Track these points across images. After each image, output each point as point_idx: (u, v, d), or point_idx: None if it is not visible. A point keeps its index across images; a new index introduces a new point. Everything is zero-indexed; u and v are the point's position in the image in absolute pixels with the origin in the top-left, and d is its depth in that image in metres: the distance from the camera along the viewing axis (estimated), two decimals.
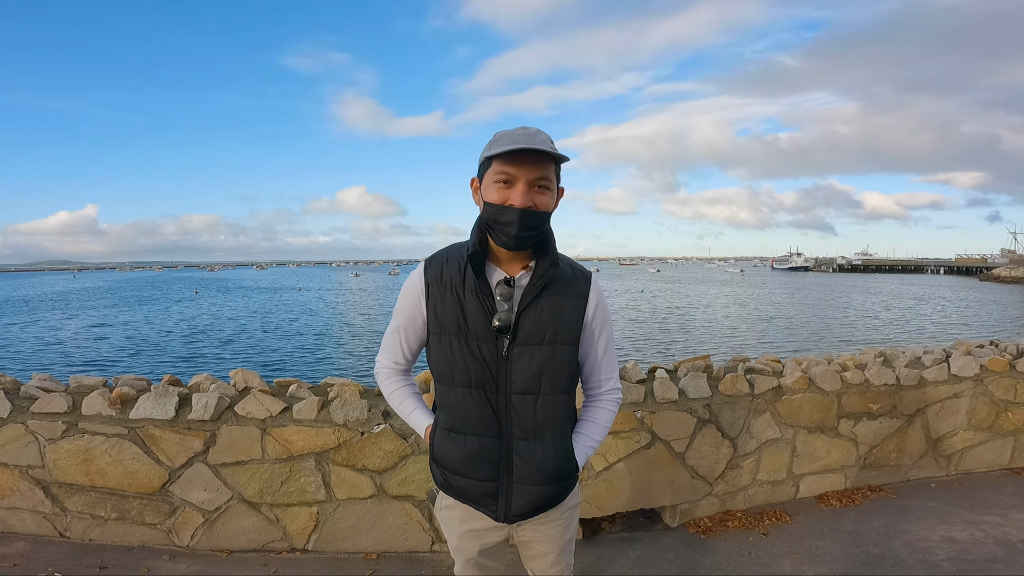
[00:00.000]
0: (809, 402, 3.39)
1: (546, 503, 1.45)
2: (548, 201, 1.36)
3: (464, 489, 1.44)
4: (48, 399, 2.76)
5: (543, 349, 1.38)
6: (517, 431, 1.40)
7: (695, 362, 3.43)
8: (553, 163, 1.34)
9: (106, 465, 2.72)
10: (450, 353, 1.39)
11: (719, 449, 3.21)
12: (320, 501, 2.80)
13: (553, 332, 1.39)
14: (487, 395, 1.38)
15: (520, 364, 1.37)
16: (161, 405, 2.75)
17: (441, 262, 1.42)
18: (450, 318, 1.38)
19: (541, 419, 1.40)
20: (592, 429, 1.53)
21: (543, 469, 1.41)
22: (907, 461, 3.68)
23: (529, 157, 1.30)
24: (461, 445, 1.41)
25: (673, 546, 2.97)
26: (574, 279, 1.44)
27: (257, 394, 2.80)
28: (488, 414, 1.39)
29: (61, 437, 2.72)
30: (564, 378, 1.42)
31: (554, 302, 1.39)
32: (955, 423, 3.75)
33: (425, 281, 1.42)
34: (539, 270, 1.39)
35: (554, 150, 1.30)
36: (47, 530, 2.80)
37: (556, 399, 1.41)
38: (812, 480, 3.48)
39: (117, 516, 2.77)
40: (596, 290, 1.47)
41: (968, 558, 2.81)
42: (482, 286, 1.36)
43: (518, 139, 1.30)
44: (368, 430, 2.77)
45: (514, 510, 1.42)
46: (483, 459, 1.40)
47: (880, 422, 3.55)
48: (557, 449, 1.42)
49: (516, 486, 1.41)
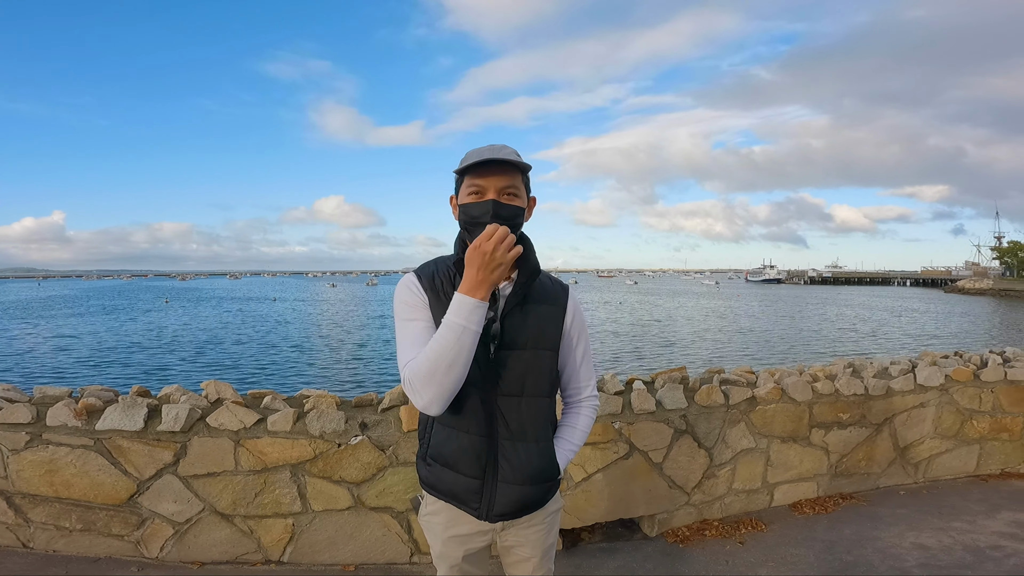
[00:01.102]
0: (782, 412, 3.45)
1: (528, 504, 1.51)
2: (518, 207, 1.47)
3: (451, 484, 1.48)
4: (11, 409, 2.68)
5: (526, 354, 1.47)
6: (503, 431, 1.46)
7: (672, 374, 3.47)
8: (519, 173, 1.45)
9: (71, 476, 2.65)
10: None
11: (695, 459, 3.24)
12: (296, 513, 2.76)
13: (535, 338, 1.48)
14: (478, 393, 1.44)
15: (506, 367, 1.45)
16: (129, 416, 2.69)
17: (431, 272, 1.50)
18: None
19: (525, 420, 1.47)
20: (572, 434, 1.60)
21: (526, 469, 1.47)
22: (876, 469, 3.77)
23: (496, 168, 1.41)
24: (455, 440, 1.47)
25: (652, 556, 2.99)
26: (553, 290, 1.55)
27: (230, 406, 2.76)
28: (479, 413, 1.45)
29: (24, 448, 2.64)
30: (546, 381, 1.51)
31: (535, 310, 1.49)
32: (922, 431, 3.85)
33: (421, 287, 1.48)
34: (520, 279, 1.48)
35: (518, 160, 1.42)
36: (10, 541, 2.71)
37: (539, 401, 1.50)
38: (786, 488, 3.53)
39: (83, 527, 2.69)
40: (573, 301, 1.57)
41: (938, 564, 2.88)
42: None
43: (484, 153, 1.42)
44: (345, 442, 2.74)
45: (496, 509, 1.48)
46: (473, 455, 1.46)
47: (850, 431, 3.63)
48: (540, 450, 1.50)
49: (500, 485, 1.47)
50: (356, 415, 2.85)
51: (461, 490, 1.48)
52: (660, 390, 3.29)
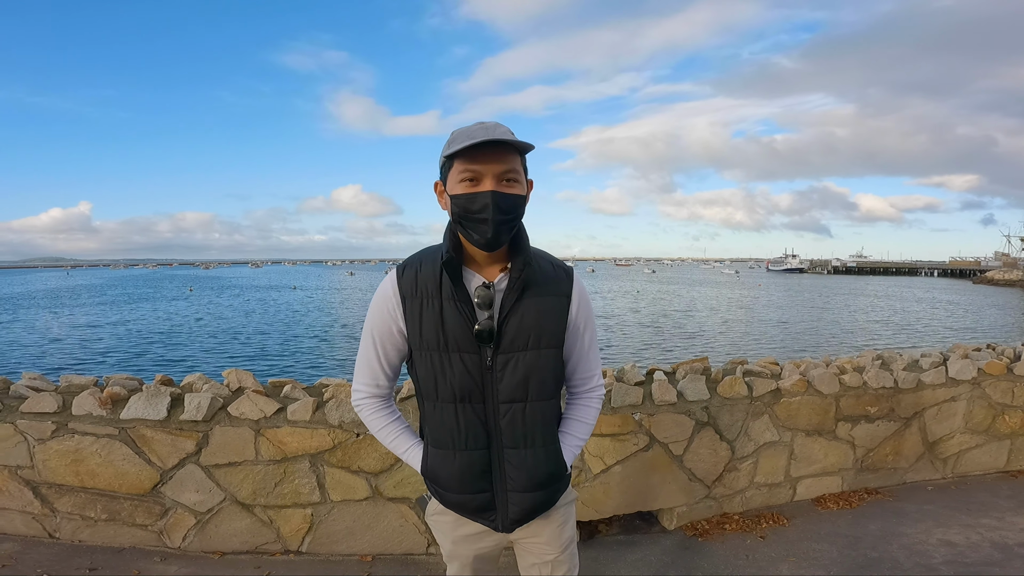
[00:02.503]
0: (807, 405, 3.38)
1: (540, 507, 1.43)
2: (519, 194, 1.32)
3: (461, 504, 1.40)
4: (38, 399, 2.72)
5: (528, 355, 1.33)
6: (507, 440, 1.36)
7: (693, 364, 3.41)
8: (518, 154, 1.29)
9: (96, 466, 2.69)
10: (433, 368, 1.33)
11: (717, 452, 3.19)
12: (314, 503, 2.77)
13: (537, 336, 1.33)
14: (474, 407, 1.34)
15: (505, 373, 1.32)
16: (153, 405, 2.71)
17: (415, 270, 1.35)
18: (430, 331, 1.32)
19: (530, 426, 1.36)
20: (578, 428, 1.49)
21: (535, 476, 1.38)
22: (904, 464, 3.68)
23: (492, 150, 1.24)
24: (451, 462, 1.36)
25: (671, 549, 2.95)
26: (555, 278, 1.38)
27: (251, 395, 2.77)
28: (476, 427, 1.34)
29: (51, 437, 2.68)
30: (551, 383, 1.38)
31: (536, 304, 1.33)
32: (952, 426, 3.74)
33: (400, 293, 1.35)
34: (515, 271, 1.32)
35: (516, 140, 1.25)
36: (36, 531, 2.76)
37: (544, 405, 1.37)
38: (809, 483, 3.47)
39: (107, 517, 2.74)
40: (578, 287, 1.41)
41: (965, 561, 2.80)
42: (460, 293, 1.30)
43: (476, 134, 1.23)
44: (363, 431, 2.74)
45: (511, 517, 1.40)
46: (475, 473, 1.36)
47: (877, 425, 3.55)
48: (548, 454, 1.40)
49: (510, 495, 1.38)
50: None
51: (474, 507, 1.40)
52: (682, 381, 3.23)
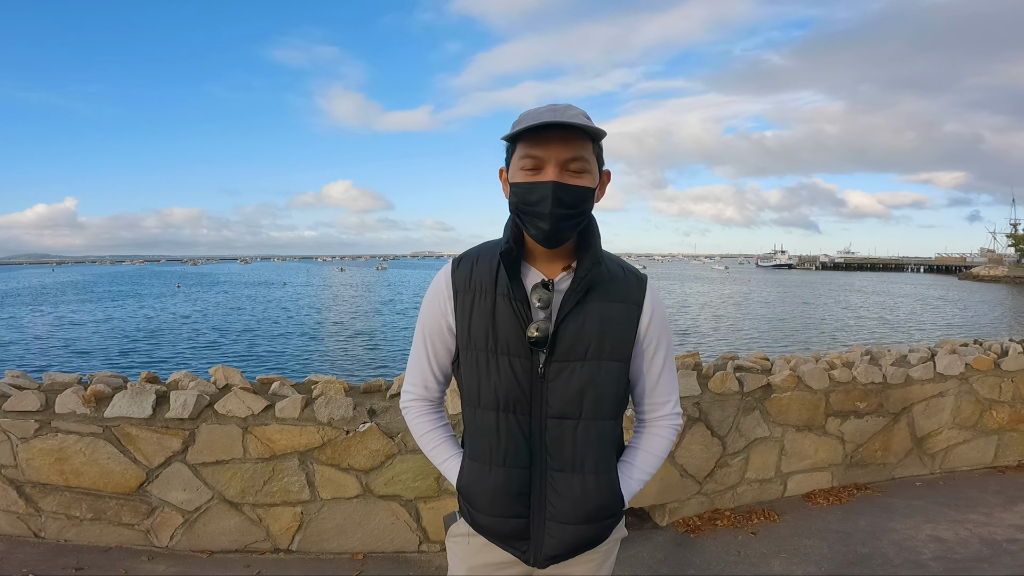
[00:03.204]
0: (798, 400, 3.39)
1: (584, 544, 1.23)
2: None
3: (491, 527, 1.23)
4: (20, 397, 2.67)
5: (586, 366, 1.17)
6: (553, 461, 1.20)
7: (684, 360, 3.41)
8: (590, 141, 1.15)
9: (80, 465, 2.64)
10: (478, 370, 1.20)
11: (708, 448, 3.19)
12: (304, 501, 2.74)
13: (598, 346, 1.18)
14: (518, 419, 1.19)
15: (558, 383, 1.17)
16: (138, 403, 2.67)
17: (471, 262, 1.23)
18: (480, 329, 1.19)
19: (581, 448, 1.19)
20: (643, 459, 1.29)
21: (582, 506, 1.20)
22: (892, 459, 3.70)
23: (558, 134, 1.10)
24: (486, 477, 1.21)
25: (663, 546, 2.95)
26: (624, 282, 1.22)
27: (238, 392, 2.73)
28: (518, 441, 1.19)
29: (34, 436, 2.63)
30: (610, 401, 1.20)
31: (600, 309, 1.18)
32: (940, 421, 3.78)
33: (453, 285, 1.22)
34: (580, 270, 1.17)
35: (588, 124, 1.10)
36: (21, 530, 2.72)
37: (599, 425, 1.20)
38: (800, 479, 3.48)
39: (93, 516, 2.69)
40: (653, 297, 1.25)
41: (954, 557, 2.83)
42: (516, 290, 1.16)
43: (543, 115, 1.11)
44: (353, 428, 2.71)
45: (546, 551, 1.21)
46: (511, 493, 1.20)
47: (867, 420, 3.57)
48: (600, 483, 1.21)
49: (549, 524, 1.21)
50: (364, 401, 2.82)
51: (504, 532, 1.22)
52: None
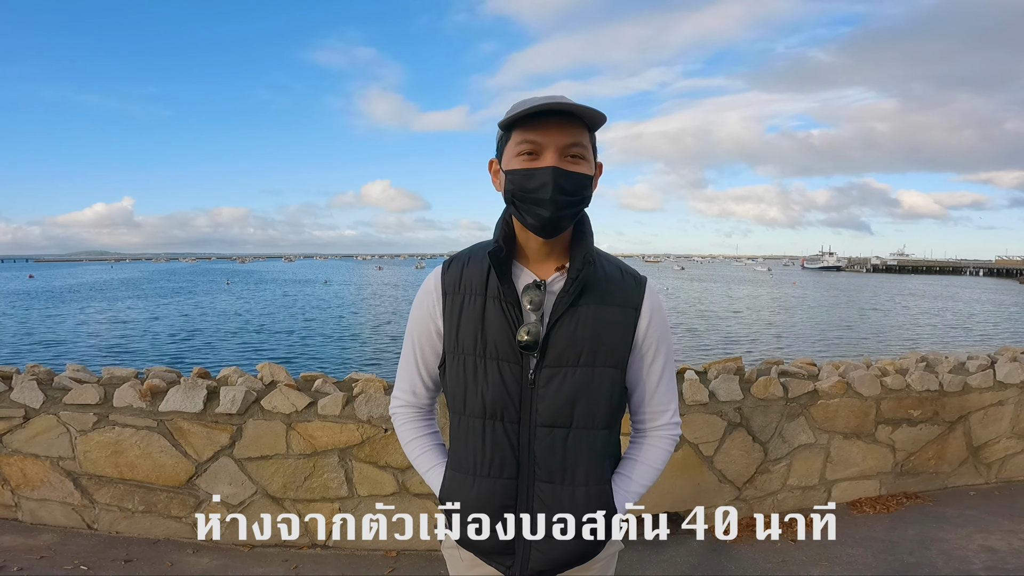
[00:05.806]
0: (846, 407, 3.28)
1: (573, 560, 1.17)
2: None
3: (474, 541, 1.17)
4: (80, 390, 2.81)
5: (578, 372, 1.11)
6: (541, 472, 1.14)
7: (726, 364, 3.34)
8: (587, 129, 1.10)
9: (135, 457, 2.76)
10: (465, 376, 1.14)
11: (749, 453, 3.12)
12: (342, 497, 2.80)
13: (592, 351, 1.12)
14: (506, 427, 1.13)
15: (549, 390, 1.11)
16: (190, 398, 2.78)
17: (462, 263, 1.18)
18: (468, 332, 1.14)
19: (572, 458, 1.13)
20: (638, 471, 1.23)
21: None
22: (946, 468, 3.54)
23: (557, 120, 1.05)
24: (469, 489, 1.15)
25: (697, 550, 2.90)
26: (622, 284, 1.16)
27: (283, 388, 2.81)
28: (505, 451, 1.13)
29: (92, 429, 2.76)
30: (603, 409, 1.14)
31: (594, 312, 1.12)
32: (998, 430, 3.59)
33: (442, 287, 1.18)
34: (572, 270, 1.12)
35: (588, 109, 1.05)
36: (75, 522, 2.85)
37: (592, 435, 1.14)
38: (845, 486, 3.36)
39: (144, 509, 2.81)
40: (652, 299, 1.18)
41: (1006, 567, 2.70)
42: (506, 291, 1.11)
43: (540, 101, 1.06)
44: (391, 427, 2.76)
45: (532, 567, 1.15)
46: (495, 506, 1.14)
47: (920, 428, 3.42)
48: (591, 495, 1.15)
49: (536, 539, 1.15)
50: None
51: (488, 546, 1.16)
52: (714, 381, 3.17)
